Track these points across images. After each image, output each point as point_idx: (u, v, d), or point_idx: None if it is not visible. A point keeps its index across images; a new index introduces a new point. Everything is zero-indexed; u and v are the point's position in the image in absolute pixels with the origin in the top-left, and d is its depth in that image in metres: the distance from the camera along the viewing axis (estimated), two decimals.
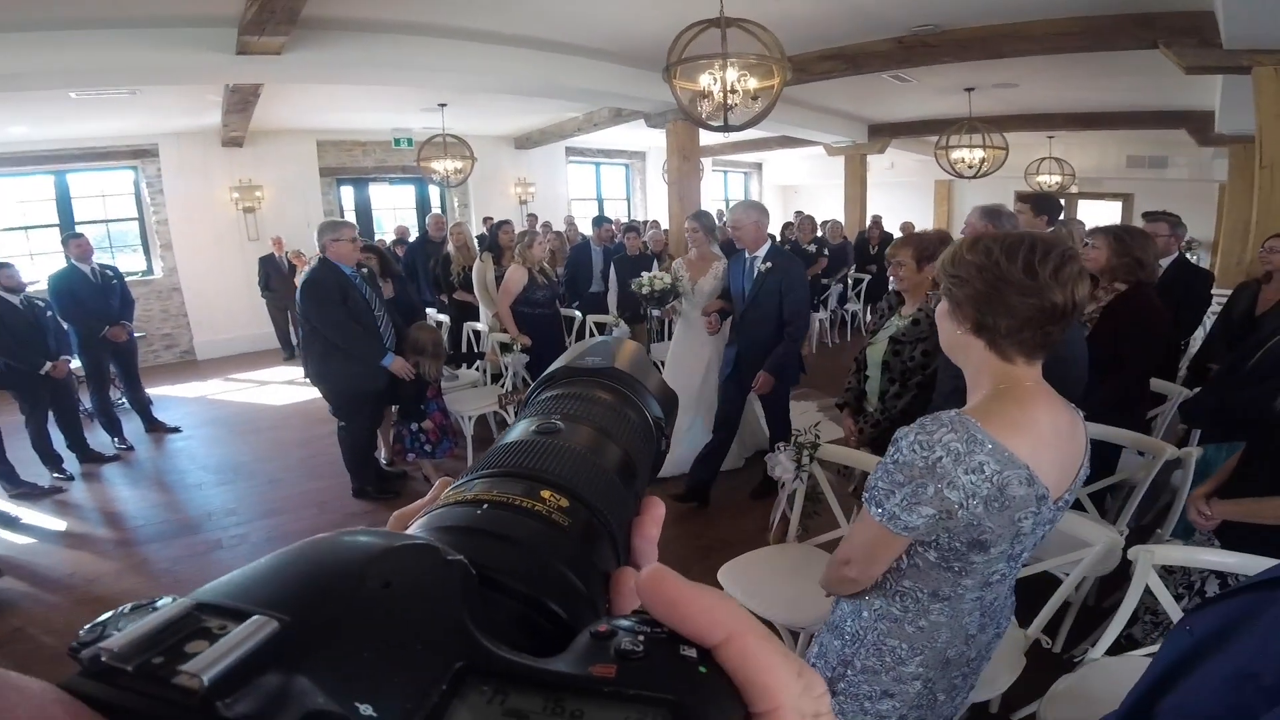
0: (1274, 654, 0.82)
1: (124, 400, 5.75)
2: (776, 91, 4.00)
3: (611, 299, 5.87)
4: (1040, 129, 8.92)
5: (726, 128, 4.14)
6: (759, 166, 15.69)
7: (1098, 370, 2.77)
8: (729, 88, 3.88)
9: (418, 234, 8.19)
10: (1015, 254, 1.14)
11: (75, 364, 5.04)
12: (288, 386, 7.20)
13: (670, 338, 4.74)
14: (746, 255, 3.66)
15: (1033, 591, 1.89)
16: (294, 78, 5.13)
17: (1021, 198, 4.17)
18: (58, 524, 4.11)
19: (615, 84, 6.05)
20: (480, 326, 5.54)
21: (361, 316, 3.82)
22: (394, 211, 10.60)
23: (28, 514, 4.20)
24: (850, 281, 8.64)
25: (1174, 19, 4.31)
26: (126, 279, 5.63)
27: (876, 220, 9.65)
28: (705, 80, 3.96)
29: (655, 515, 0.36)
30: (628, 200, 13.39)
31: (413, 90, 6.57)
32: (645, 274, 4.30)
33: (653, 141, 10.10)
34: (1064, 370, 2.06)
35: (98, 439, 5.21)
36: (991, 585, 1.25)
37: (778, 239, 8.64)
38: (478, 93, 6.62)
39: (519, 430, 0.35)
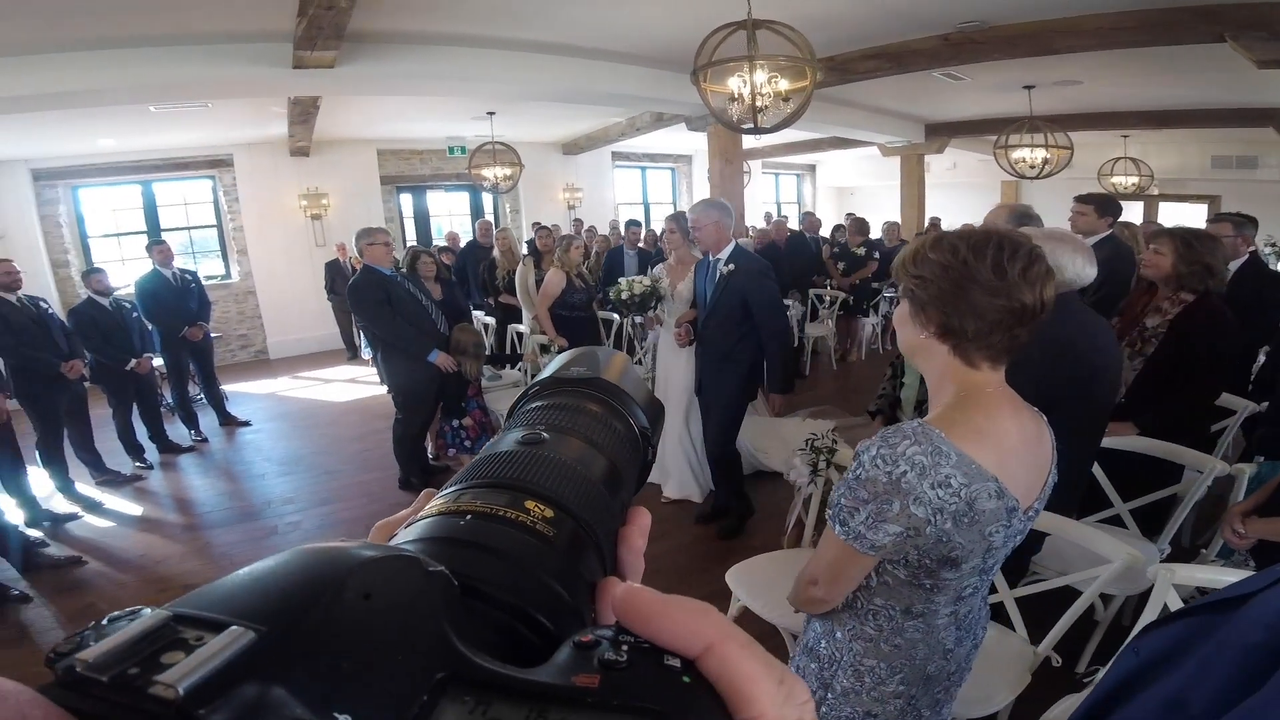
0: (1206, 682, 0.76)
1: (201, 396, 6.18)
2: (808, 92, 3.97)
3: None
4: (1111, 128, 8.47)
5: (757, 130, 4.12)
6: (812, 168, 15.44)
7: (1162, 387, 2.65)
8: (758, 90, 3.86)
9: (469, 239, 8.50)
10: (983, 252, 1.08)
11: (158, 361, 5.47)
12: (349, 385, 7.60)
13: (643, 353, 4.56)
14: (710, 258, 3.43)
15: (1052, 607, 1.85)
16: (347, 89, 5.39)
17: (1082, 199, 3.97)
18: (135, 509, 4.47)
19: (653, 88, 6.12)
20: (522, 328, 5.71)
21: (411, 311, 3.99)
22: (450, 218, 10.97)
23: (109, 499, 4.59)
24: None
25: (1239, 11, 4.05)
26: (207, 283, 6.11)
27: (934, 222, 9.38)
28: (734, 83, 3.95)
29: (641, 525, 0.36)
30: (674, 204, 13.41)
31: (462, 99, 6.80)
32: (623, 279, 4.14)
33: (698, 145, 10.12)
34: (1092, 384, 2.00)
35: (176, 431, 5.64)
36: (964, 599, 1.22)
37: (827, 239, 8.57)
38: (523, 101, 6.80)
39: (504, 441, 0.35)
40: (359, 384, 7.45)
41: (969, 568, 1.14)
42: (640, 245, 7.48)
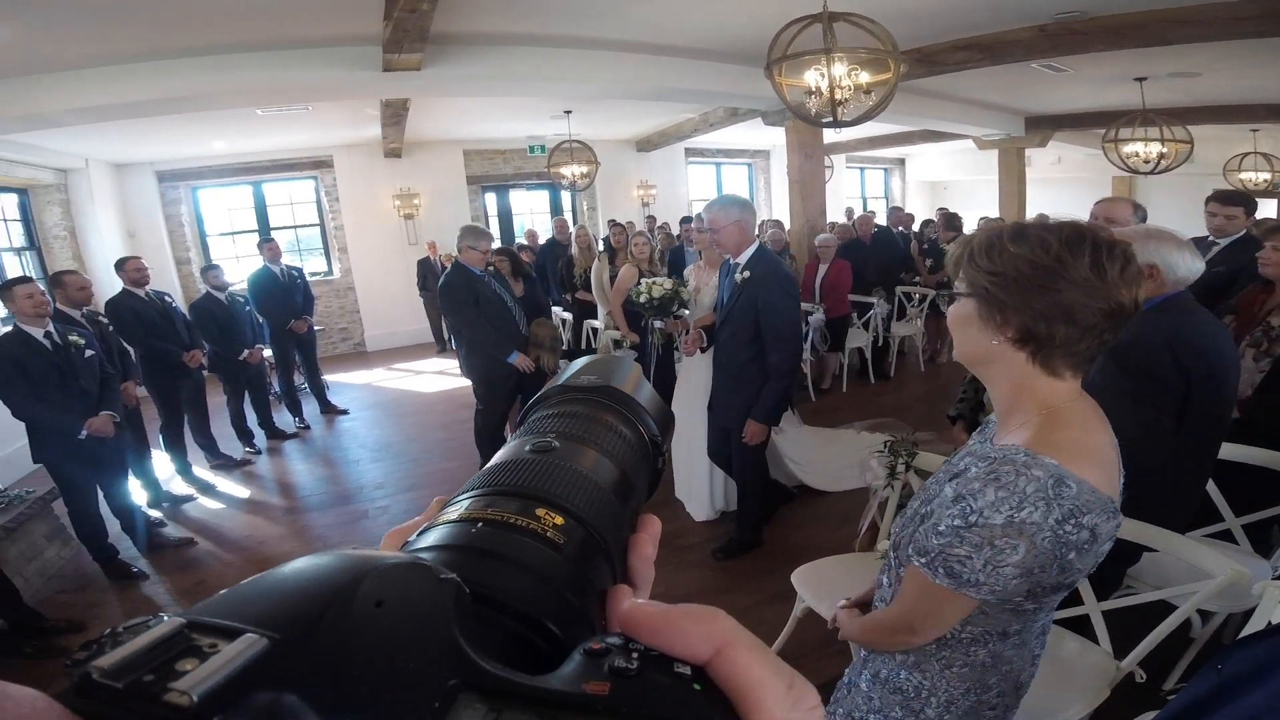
0: None
1: (305, 385, 6.61)
2: (891, 85, 3.84)
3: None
4: (1237, 121, 7.73)
5: (837, 124, 4.01)
6: (901, 162, 14.86)
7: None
8: (837, 83, 3.76)
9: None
10: (1079, 248, 0.94)
11: (267, 352, 5.91)
12: (437, 376, 7.96)
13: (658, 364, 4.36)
14: (730, 261, 3.13)
15: (1144, 622, 1.75)
16: (434, 91, 5.59)
17: (1228, 200, 3.56)
18: (243, 492, 4.84)
19: (726, 83, 6.05)
20: (598, 324, 5.82)
21: (495, 312, 4.15)
22: (531, 215, 11.27)
23: (221, 482, 4.99)
24: None
25: None
26: (310, 279, 6.55)
27: (1039, 219, 8.85)
28: (811, 77, 3.86)
29: (652, 533, 0.36)
30: (751, 199, 13.24)
31: (541, 99, 6.95)
32: (644, 280, 3.92)
33: (776, 140, 9.94)
34: (1214, 390, 1.89)
35: (282, 418, 6.07)
36: (1051, 610, 1.17)
37: (919, 235, 8.21)
38: (598, 99, 6.88)
39: (513, 449, 0.35)
40: (446, 376, 7.79)
41: (1073, 584, 1.06)
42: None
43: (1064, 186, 11.74)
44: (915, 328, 6.93)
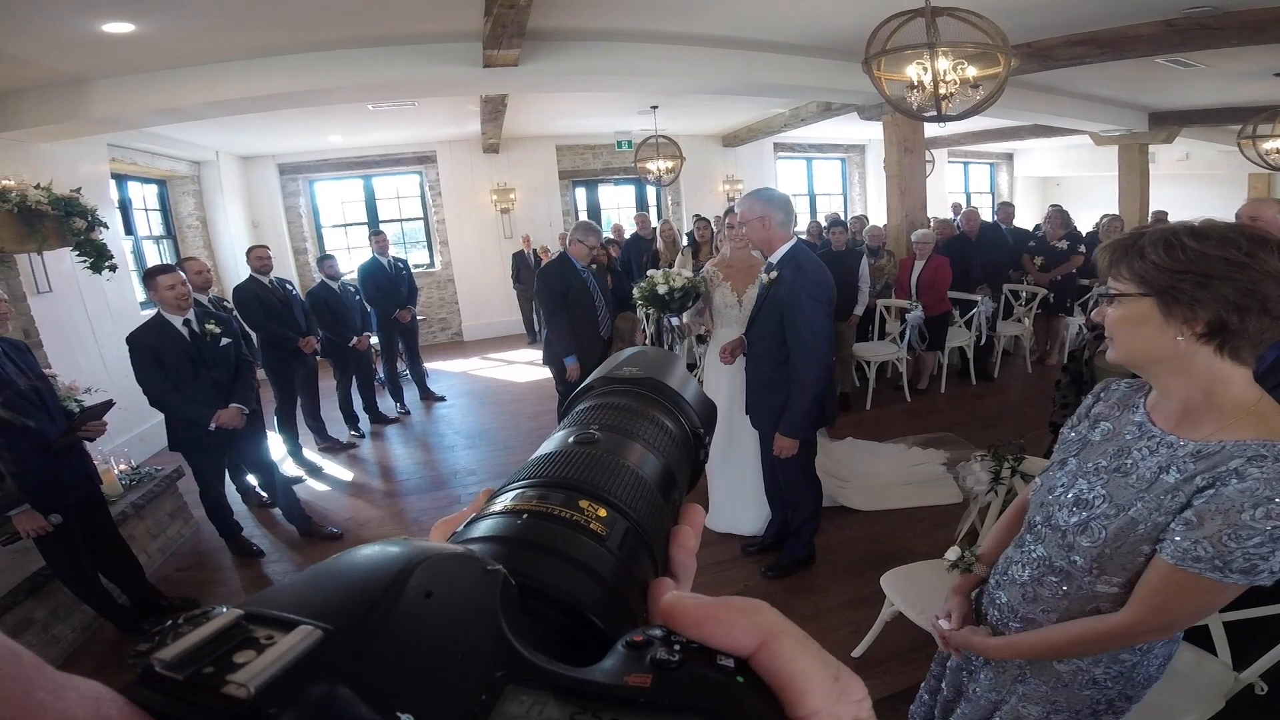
0: None
1: (407, 372, 6.92)
2: (1001, 80, 3.66)
3: None
4: None
5: (941, 118, 3.88)
6: (1009, 157, 14.04)
7: None
8: (941, 77, 3.63)
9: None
10: (1266, 244, 0.98)
11: (374, 340, 6.23)
12: (528, 367, 8.20)
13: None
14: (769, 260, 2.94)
15: (1263, 632, 1.67)
16: (530, 87, 5.74)
17: None
18: (347, 475, 5.08)
19: (819, 78, 5.92)
20: (677, 320, 5.84)
21: (580, 307, 4.25)
22: (618, 210, 11.38)
23: (328, 465, 5.25)
24: None
25: None
26: (414, 271, 6.85)
27: (1159, 217, 8.17)
28: (913, 71, 3.74)
29: (695, 524, 0.35)
30: (844, 195, 12.84)
31: (628, 94, 7.01)
32: (657, 271, 3.66)
33: (871, 134, 9.61)
34: None
35: (385, 404, 6.38)
36: None
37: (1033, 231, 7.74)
38: (685, 94, 6.86)
39: (557, 441, 0.35)
40: (537, 366, 7.99)
41: None
42: (804, 237, 7.25)
43: (1193, 184, 10.80)
44: (1023, 327, 6.57)
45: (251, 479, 4.40)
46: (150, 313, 3.50)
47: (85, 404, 3.22)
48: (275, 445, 4.69)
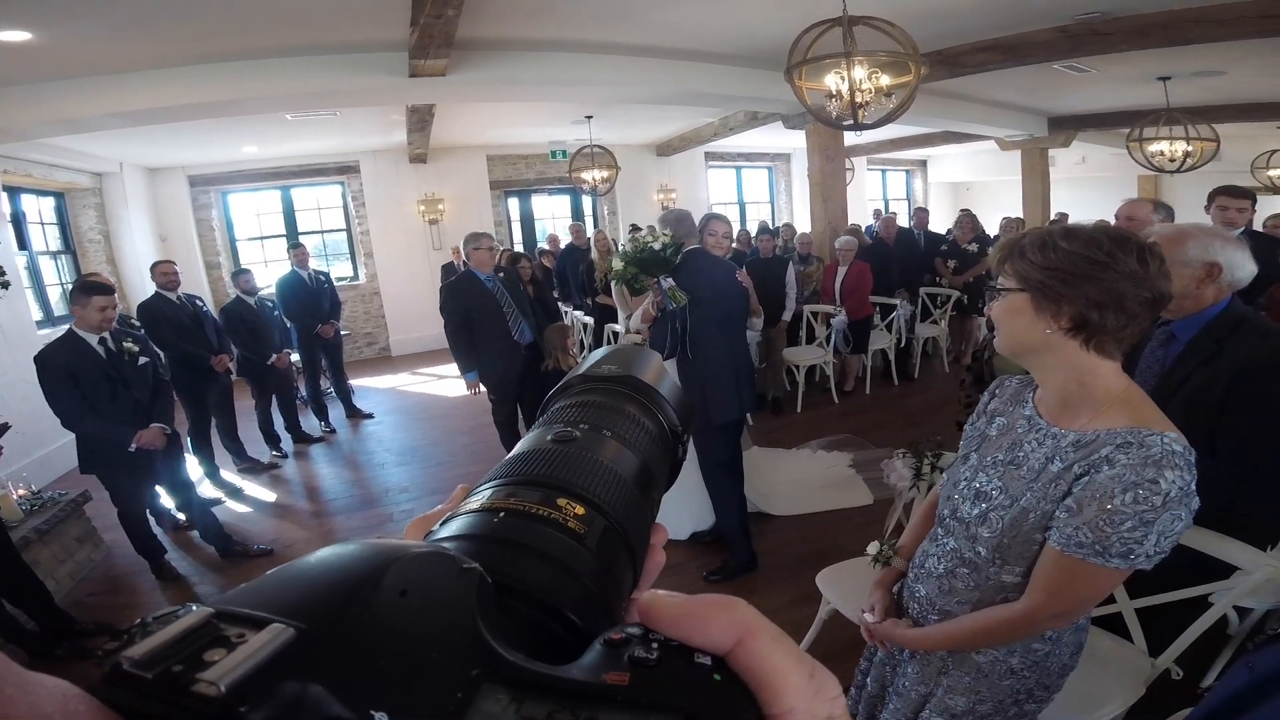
0: None
1: (331, 389, 6.67)
2: (912, 88, 3.83)
3: None
4: (1264, 119, 7.64)
5: (858, 127, 4.01)
6: (923, 164, 14.76)
7: None
8: (857, 86, 3.76)
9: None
10: (1126, 244, 1.06)
11: (295, 357, 5.99)
12: (460, 381, 7.92)
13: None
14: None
15: (1179, 618, 1.75)
16: (459, 97, 5.68)
17: (1238, 194, 3.52)
18: (269, 495, 4.88)
19: (746, 87, 6.06)
20: (619, 328, 5.85)
21: (489, 319, 4.24)
22: (553, 220, 11.31)
23: (249, 486, 5.03)
24: None
25: None
26: (337, 284, 6.62)
27: (1060, 218, 8.74)
28: (831, 80, 3.86)
29: (660, 538, 0.36)
30: (772, 203, 13.17)
31: (562, 104, 7.00)
32: (641, 230, 3.79)
33: (797, 143, 9.91)
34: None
35: (308, 422, 6.13)
36: None
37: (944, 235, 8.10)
38: (619, 104, 6.91)
39: (534, 439, 0.35)
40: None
41: None
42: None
43: (1089, 186, 11.61)
44: (940, 329, 6.89)
45: (167, 502, 4.20)
46: (49, 331, 3.32)
47: None
48: (192, 467, 4.51)
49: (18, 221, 6.41)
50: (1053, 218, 8.90)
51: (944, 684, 1.34)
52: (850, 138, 7.22)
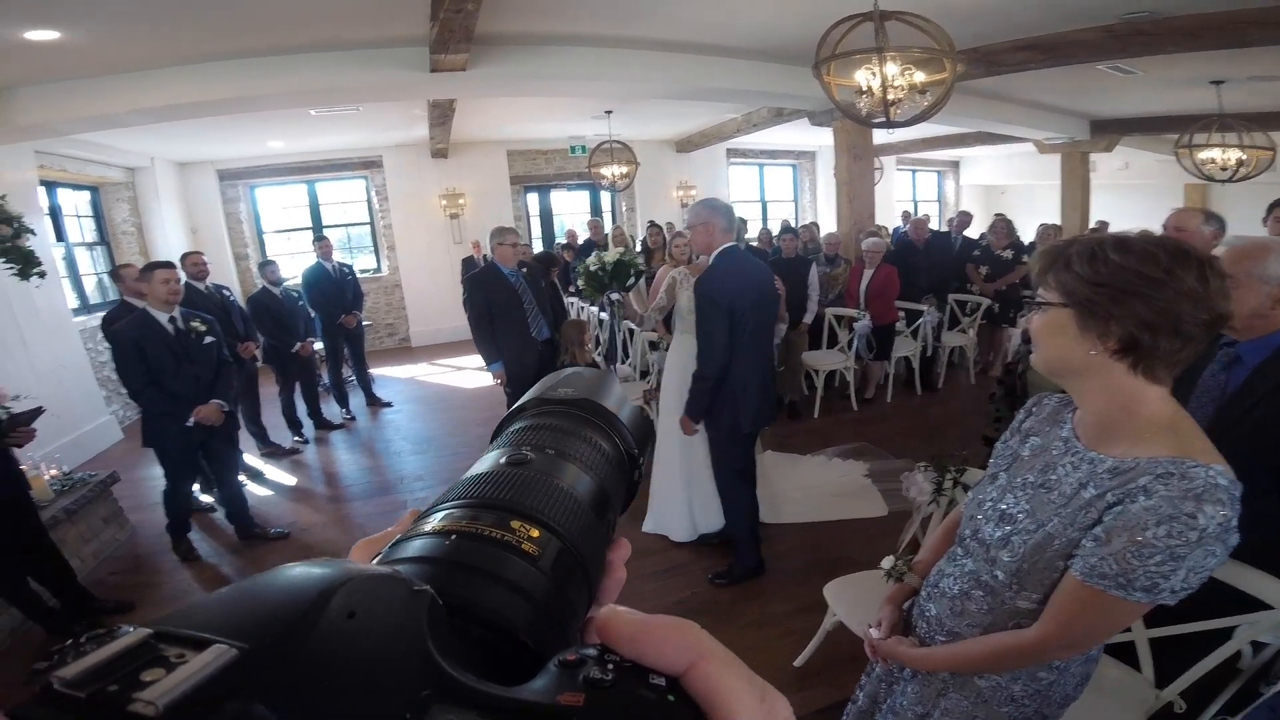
0: None
1: (352, 378, 6.79)
2: (948, 85, 3.72)
3: None
4: None
5: (890, 124, 3.91)
6: (955, 165, 14.46)
7: None
8: (890, 82, 3.66)
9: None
10: (1186, 260, 0.96)
11: (318, 346, 6.09)
12: (478, 372, 8.02)
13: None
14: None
15: (1187, 650, 1.66)
16: (479, 92, 5.68)
17: None
18: (290, 480, 4.99)
19: (771, 83, 5.94)
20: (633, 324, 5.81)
21: (510, 314, 4.28)
22: (571, 215, 11.33)
23: (270, 470, 5.14)
24: None
25: None
26: (360, 276, 6.73)
27: (1101, 226, 8.45)
28: (862, 76, 3.76)
29: (622, 554, 0.36)
30: (795, 202, 13.00)
31: (582, 99, 6.97)
32: (595, 254, 3.70)
33: (822, 140, 9.77)
34: None
35: (330, 409, 6.25)
36: None
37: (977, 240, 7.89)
38: (639, 99, 6.85)
39: (489, 461, 0.35)
40: (486, 371, 7.87)
41: None
42: (755, 244, 7.28)
43: (1131, 193, 11.24)
44: (968, 338, 6.64)
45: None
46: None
47: (13, 411, 3.15)
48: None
49: (55, 214, 6.66)
50: (1092, 225, 8.62)
51: (941, 705, 1.29)
52: (880, 136, 7.09)
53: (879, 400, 6.10)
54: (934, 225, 8.32)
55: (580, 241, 8.66)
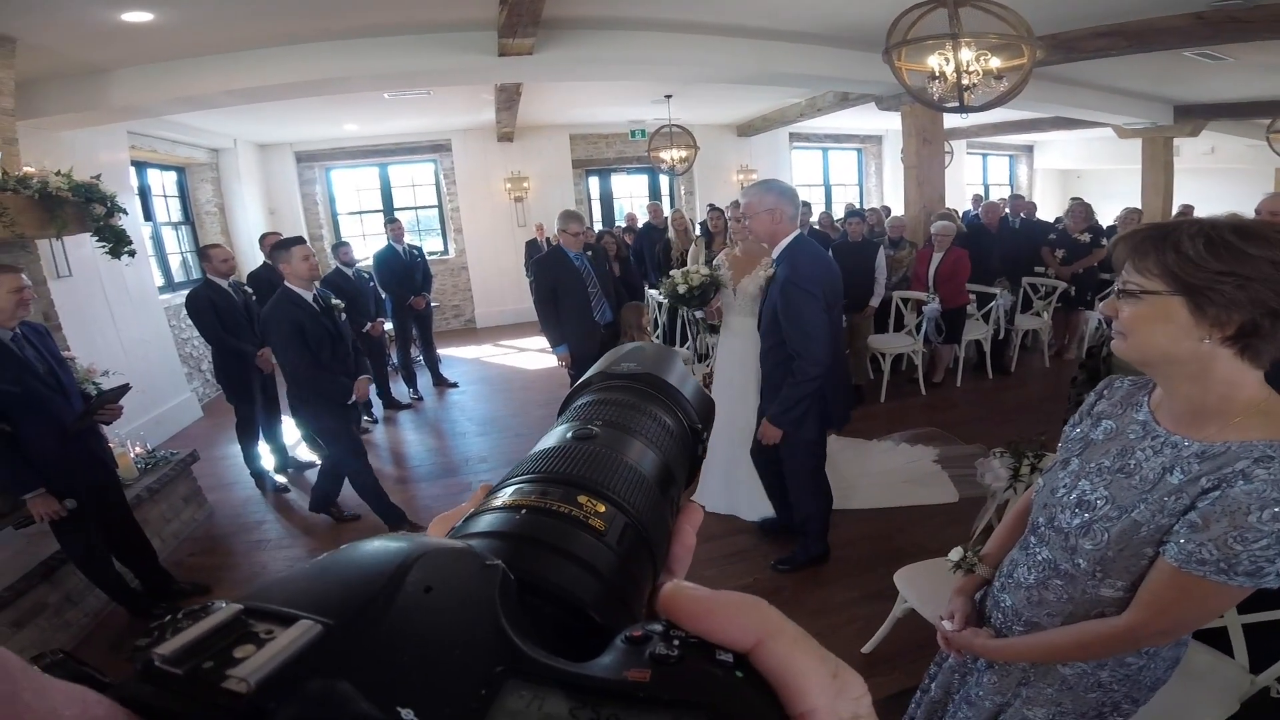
0: None
1: (420, 358, 6.96)
2: (1026, 72, 3.61)
3: None
4: None
5: (963, 109, 3.84)
6: (1029, 149, 13.84)
7: None
8: (965, 68, 3.58)
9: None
10: None
11: (388, 326, 6.27)
12: (539, 355, 8.18)
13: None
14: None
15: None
16: (544, 76, 5.73)
17: None
18: None
19: (836, 68, 5.82)
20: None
21: (573, 299, 4.34)
22: (631, 199, 11.35)
23: None
24: None
25: None
26: (429, 258, 6.88)
27: (1184, 211, 8.03)
28: (935, 61, 3.69)
29: (694, 520, 0.35)
30: (860, 186, 12.70)
31: (643, 83, 6.95)
32: (678, 270, 3.71)
33: (888, 124, 9.48)
34: None
35: (398, 389, 6.41)
36: None
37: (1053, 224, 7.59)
38: (701, 83, 6.79)
39: (555, 436, 0.35)
40: (548, 353, 8.01)
41: None
42: (816, 227, 7.15)
43: (1217, 178, 10.60)
44: (1042, 321, 6.45)
45: (267, 463, 4.53)
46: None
47: (103, 387, 3.22)
48: (289, 429, 4.75)
49: (144, 194, 6.95)
50: (1175, 211, 8.18)
51: (1023, 695, 1.29)
52: (950, 121, 6.88)
53: (948, 384, 5.97)
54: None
55: (640, 225, 8.69)
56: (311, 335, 3.30)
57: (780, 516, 3.41)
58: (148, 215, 7.04)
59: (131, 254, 4.07)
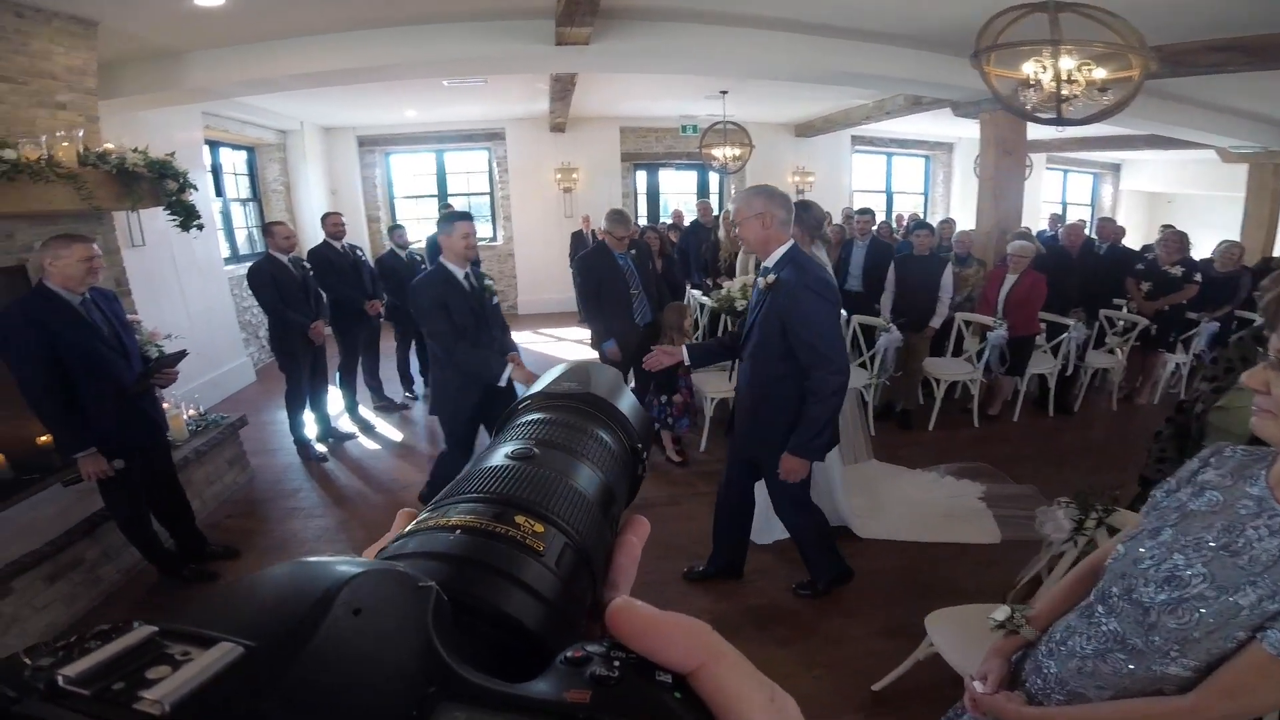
0: None
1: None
2: (1136, 85, 3.29)
3: (886, 300, 5.42)
4: None
5: (1060, 121, 3.57)
6: (1115, 167, 13.03)
7: None
8: (1065, 77, 3.30)
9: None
10: None
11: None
12: (576, 345, 8.26)
13: None
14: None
15: None
16: (600, 67, 5.68)
17: None
18: (396, 435, 5.22)
19: (908, 70, 5.48)
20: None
21: (613, 295, 4.31)
22: (678, 195, 11.24)
23: (380, 424, 5.43)
24: (1236, 321, 5.93)
25: None
26: (479, 244, 6.88)
27: None
28: (1030, 68, 3.43)
29: (640, 533, 0.35)
30: (925, 195, 12.18)
31: (696, 77, 6.80)
32: (735, 282, 3.51)
33: (961, 132, 9.02)
34: None
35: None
36: None
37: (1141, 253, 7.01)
38: (759, 80, 6.55)
39: (493, 455, 0.35)
40: (584, 345, 7.96)
41: None
42: (876, 234, 6.71)
43: None
44: (1116, 359, 5.86)
45: (310, 431, 4.72)
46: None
47: (165, 350, 3.36)
48: (334, 400, 4.93)
49: (215, 172, 7.34)
50: None
51: None
52: (1032, 132, 6.45)
53: (1004, 418, 5.55)
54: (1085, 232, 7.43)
55: (686, 222, 8.52)
56: (457, 312, 3.14)
57: (716, 559, 3.17)
58: (218, 191, 7.44)
59: (200, 227, 4.28)
